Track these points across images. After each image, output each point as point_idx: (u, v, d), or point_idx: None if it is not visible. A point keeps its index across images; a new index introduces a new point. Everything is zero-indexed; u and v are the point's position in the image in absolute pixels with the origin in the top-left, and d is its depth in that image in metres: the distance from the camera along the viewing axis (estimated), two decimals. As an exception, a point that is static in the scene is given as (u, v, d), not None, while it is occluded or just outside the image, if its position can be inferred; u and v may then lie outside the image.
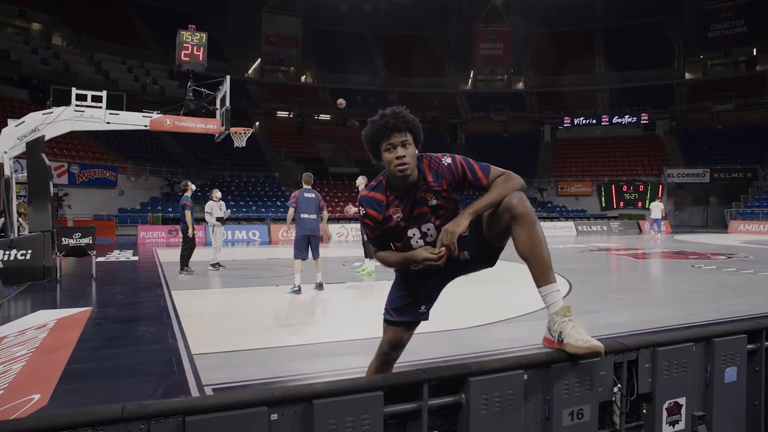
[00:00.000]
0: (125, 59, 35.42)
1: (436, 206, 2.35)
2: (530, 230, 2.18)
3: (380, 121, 2.29)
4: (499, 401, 1.96)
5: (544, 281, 2.20)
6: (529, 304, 6.95)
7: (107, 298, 8.07)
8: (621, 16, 43.49)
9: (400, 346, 2.66)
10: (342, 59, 43.42)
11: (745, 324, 2.71)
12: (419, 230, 2.40)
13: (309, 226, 8.42)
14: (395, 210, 2.37)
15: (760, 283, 9.55)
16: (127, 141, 30.59)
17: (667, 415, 2.37)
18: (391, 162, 2.27)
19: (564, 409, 2.10)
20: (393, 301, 2.61)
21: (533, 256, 2.19)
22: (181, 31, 10.48)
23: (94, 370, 4.41)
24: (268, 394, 1.65)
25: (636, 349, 2.29)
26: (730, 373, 2.56)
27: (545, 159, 40.34)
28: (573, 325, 2.15)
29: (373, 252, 2.54)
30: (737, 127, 38.16)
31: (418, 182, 2.34)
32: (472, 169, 2.33)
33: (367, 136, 2.34)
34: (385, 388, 1.80)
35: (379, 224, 2.40)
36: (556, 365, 2.09)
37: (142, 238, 21.36)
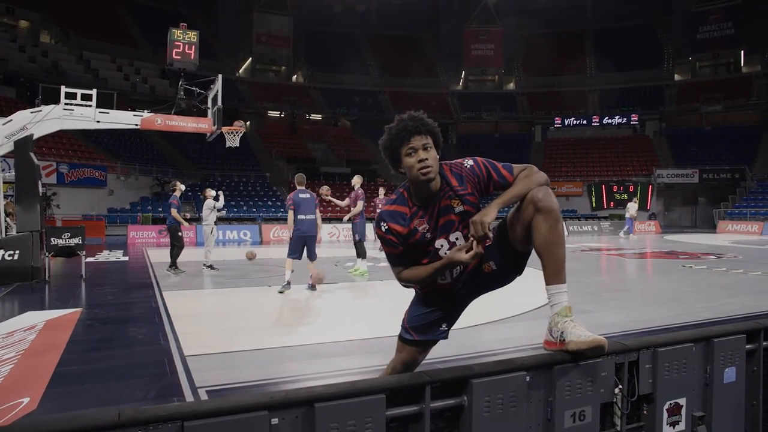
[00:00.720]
0: (115, 58, 35.12)
1: (464, 212, 2.26)
2: (552, 226, 2.11)
3: (399, 125, 2.21)
4: (501, 403, 1.94)
5: (554, 280, 2.15)
6: (524, 304, 6.96)
7: (97, 298, 7.98)
8: (611, 18, 43.74)
9: (413, 367, 2.51)
10: (333, 59, 43.34)
11: (743, 324, 2.71)
12: (447, 240, 2.29)
13: (308, 228, 8.36)
14: (420, 221, 2.25)
15: (750, 282, 9.62)
16: (116, 140, 30.33)
17: (668, 416, 2.36)
18: (413, 167, 2.17)
19: (566, 411, 2.07)
20: (413, 320, 2.47)
21: (549, 253, 2.12)
22: (172, 29, 10.38)
23: (85, 373, 4.34)
24: (268, 398, 1.61)
25: (637, 350, 2.27)
26: (729, 373, 2.56)
27: (536, 159, 40.43)
28: (574, 324, 2.13)
29: (396, 273, 2.35)
30: (725, 129, 38.49)
31: (442, 189, 2.25)
32: (496, 168, 2.27)
33: (386, 143, 2.25)
34: (387, 390, 1.77)
35: (404, 239, 2.25)
36: (559, 366, 2.06)
37: (132, 238, 21.18)
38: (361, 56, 45.76)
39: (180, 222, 10.73)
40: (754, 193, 32.77)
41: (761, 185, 33.33)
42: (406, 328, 2.49)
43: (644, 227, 30.16)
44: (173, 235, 10.78)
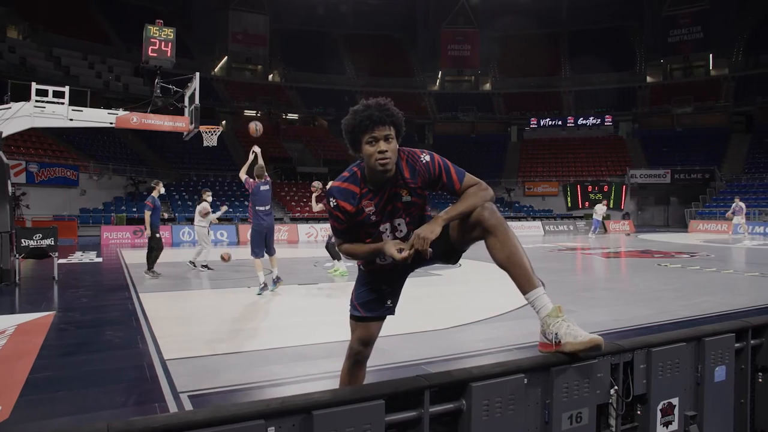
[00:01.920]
0: (87, 55, 34.34)
1: (410, 202, 2.34)
2: (504, 240, 2.17)
3: (364, 112, 2.21)
4: (500, 406, 1.90)
5: (528, 287, 2.18)
6: (505, 304, 6.97)
7: (71, 301, 7.75)
8: (585, 21, 44.35)
9: (370, 342, 2.62)
10: (310, 59, 43.09)
11: (732, 323, 2.73)
12: (391, 224, 2.38)
13: (268, 222, 8.26)
14: (368, 203, 2.31)
15: (723, 280, 9.83)
16: (88, 139, 29.65)
17: (661, 416, 2.36)
18: (372, 156, 2.19)
19: (563, 413, 2.05)
20: (359, 296, 2.58)
21: (512, 265, 2.18)
22: (148, 26, 10.15)
23: (60, 379, 4.19)
24: (264, 406, 1.55)
25: (632, 350, 2.26)
26: (720, 372, 2.57)
27: (512, 159, 40.83)
28: (568, 324, 2.12)
29: (337, 244, 2.47)
30: (695, 130, 39.33)
31: (395, 177, 2.29)
32: (449, 172, 2.30)
33: (348, 127, 2.25)
34: (386, 396, 1.72)
35: (351, 217, 2.33)
36: (556, 368, 2.04)
37: (106, 239, 20.74)
38: (338, 56, 45.60)
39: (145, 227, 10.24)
40: (723, 194, 33.55)
41: (729, 186, 34.15)
42: (354, 305, 2.58)
43: (618, 226, 30.65)
44: (151, 237, 10.42)
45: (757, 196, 31.61)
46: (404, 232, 2.39)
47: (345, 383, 2.70)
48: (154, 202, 10.26)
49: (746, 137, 37.73)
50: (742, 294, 8.05)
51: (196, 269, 11.29)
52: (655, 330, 5.59)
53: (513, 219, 30.75)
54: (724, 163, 36.31)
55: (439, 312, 6.83)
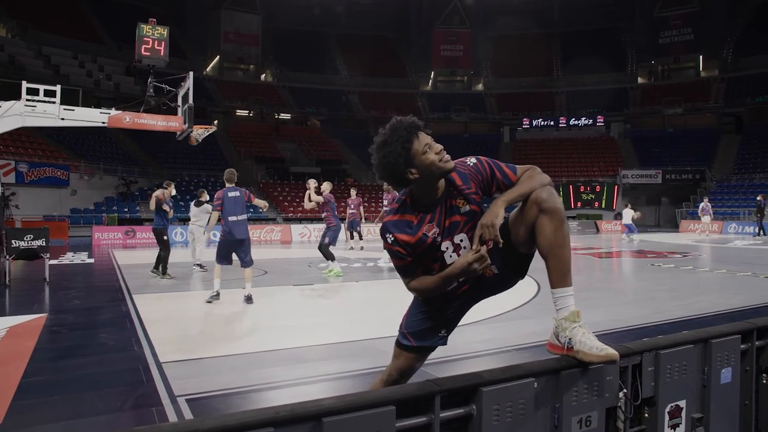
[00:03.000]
0: (77, 54, 34.06)
1: (470, 212, 2.16)
2: (557, 227, 2.03)
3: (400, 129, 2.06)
4: (510, 411, 1.87)
5: (560, 283, 2.09)
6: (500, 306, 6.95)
7: (63, 303, 7.66)
8: (577, 22, 44.55)
9: (409, 375, 2.43)
10: (303, 58, 43.00)
11: (737, 324, 2.71)
12: (452, 243, 2.19)
13: (237, 230, 7.42)
14: (429, 226, 2.15)
15: (716, 280, 9.88)
16: (79, 139, 29.41)
17: (669, 419, 2.34)
18: (434, 162, 2.05)
19: (573, 417, 2.02)
20: (411, 324, 2.36)
21: (555, 256, 2.05)
22: (141, 25, 10.04)
23: (54, 383, 4.13)
24: (274, 413, 1.51)
25: (640, 353, 2.24)
26: (726, 374, 2.55)
27: (505, 160, 38.87)
28: (583, 331, 2.06)
29: (406, 284, 2.24)
30: (686, 131, 39.64)
31: (447, 189, 2.16)
32: (500, 167, 2.21)
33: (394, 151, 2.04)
34: (396, 402, 1.69)
35: (413, 248, 2.15)
36: (566, 372, 2.01)
37: (97, 239, 20.58)
38: (330, 56, 45.53)
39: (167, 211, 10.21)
40: (714, 194, 33.78)
41: (720, 186, 34.41)
42: (404, 333, 2.38)
43: (610, 227, 30.79)
44: (159, 239, 10.29)
45: (746, 196, 31.84)
46: (469, 248, 2.18)
47: None
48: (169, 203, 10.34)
49: (736, 138, 38.04)
50: (736, 294, 8.07)
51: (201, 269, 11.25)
52: (654, 331, 5.59)
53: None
54: (715, 163, 36.59)
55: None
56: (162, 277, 10.06)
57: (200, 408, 3.53)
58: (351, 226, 15.78)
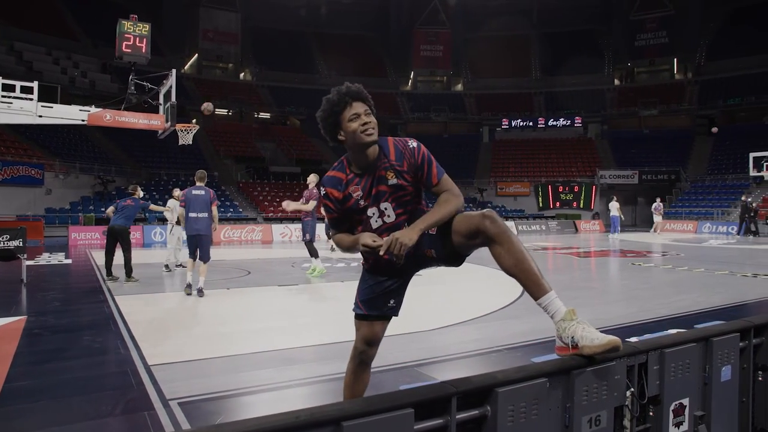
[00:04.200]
0: (51, 50, 33.27)
1: (396, 185, 2.33)
2: (510, 248, 2.16)
3: (338, 93, 2.28)
4: (524, 411, 1.86)
5: (539, 293, 2.17)
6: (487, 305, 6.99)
7: (43, 305, 7.46)
8: (556, 24, 45.01)
9: (375, 342, 2.59)
10: (282, 58, 42.70)
11: (736, 323, 2.75)
12: (378, 209, 2.37)
13: (196, 226, 8.02)
14: (355, 188, 2.34)
15: (696, 279, 10.05)
16: (54, 137, 28.75)
17: (673, 417, 2.35)
18: (356, 130, 2.23)
19: (583, 417, 2.03)
20: (362, 292, 2.55)
21: (521, 272, 2.17)
22: (122, 21, 9.83)
23: (39, 388, 4.00)
24: (293, 418, 1.47)
25: (646, 352, 2.25)
26: (726, 371, 2.59)
27: (484, 160, 41.17)
28: (583, 326, 2.11)
29: (332, 234, 2.51)
30: (662, 132, 40.38)
31: (380, 159, 2.32)
32: (430, 165, 2.33)
33: (327, 111, 2.29)
34: (414, 404, 1.66)
35: (340, 203, 2.37)
36: (575, 371, 2.01)
37: (74, 239, 20.15)
38: (310, 55, 45.29)
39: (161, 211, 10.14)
40: (688, 194, 34.50)
41: (694, 186, 35.12)
42: (357, 303, 2.57)
43: (589, 226, 31.19)
44: (126, 239, 9.79)
45: (719, 196, 32.58)
46: (392, 218, 2.38)
47: (349, 385, 2.68)
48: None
49: (709, 139, 38.84)
50: (717, 292, 8.23)
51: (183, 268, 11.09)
52: (640, 329, 5.66)
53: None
54: (689, 164, 37.33)
55: (422, 313, 6.79)
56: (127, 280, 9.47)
57: (193, 411, 3.46)
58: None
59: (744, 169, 30.28)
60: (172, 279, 10.36)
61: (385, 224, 2.39)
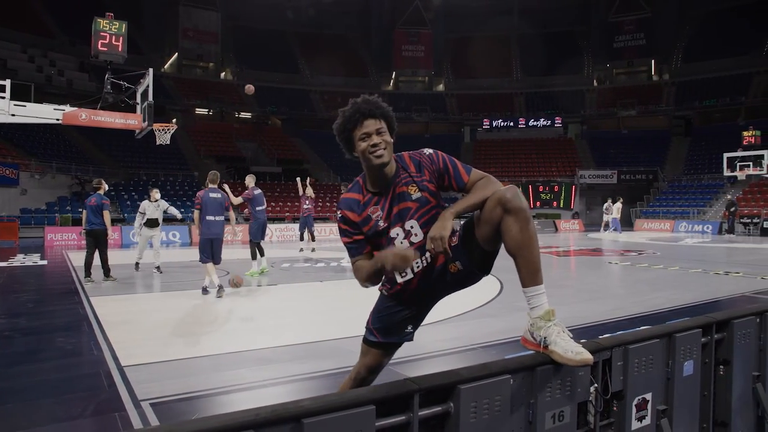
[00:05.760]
0: (26, 48, 32.69)
1: (421, 199, 2.20)
2: (524, 226, 2.04)
3: (352, 108, 2.16)
4: (487, 408, 1.89)
5: (531, 282, 2.10)
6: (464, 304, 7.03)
7: (15, 307, 7.34)
8: (536, 25, 45.37)
9: (378, 371, 2.47)
10: (263, 57, 42.47)
11: (698, 319, 2.82)
12: (402, 229, 2.21)
13: (214, 230, 7.96)
14: (374, 209, 2.19)
15: (670, 277, 10.23)
16: (29, 136, 28.23)
17: (636, 411, 2.40)
18: (365, 151, 2.12)
19: (546, 413, 2.06)
20: (377, 320, 2.39)
21: (523, 255, 2.07)
22: (97, 19, 9.69)
23: (9, 390, 3.96)
24: (254, 415, 1.48)
25: (610, 348, 2.29)
26: (688, 366, 2.65)
27: (466, 160, 41.09)
28: (558, 330, 2.06)
29: (351, 262, 2.29)
30: (640, 132, 40.97)
31: (398, 175, 2.20)
32: (455, 164, 2.23)
33: (340, 126, 2.18)
34: (376, 401, 1.68)
35: (357, 227, 2.21)
36: (540, 368, 2.04)
37: (50, 240, 19.81)
38: (291, 55, 45.13)
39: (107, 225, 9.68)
40: (666, 194, 35.04)
41: (671, 186, 35.70)
42: (370, 329, 2.40)
43: (569, 225, 31.53)
44: (103, 240, 9.64)
45: (695, 196, 33.14)
46: (420, 236, 2.20)
47: None
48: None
49: (686, 140, 39.54)
50: (690, 290, 8.39)
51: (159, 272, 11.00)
52: (614, 327, 5.75)
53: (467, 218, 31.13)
54: (666, 164, 37.93)
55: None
56: (105, 279, 9.51)
57: (165, 412, 3.45)
58: (304, 224, 14.45)
59: (719, 169, 30.86)
60: (146, 280, 10.25)
61: (412, 245, 2.21)
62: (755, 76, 37.46)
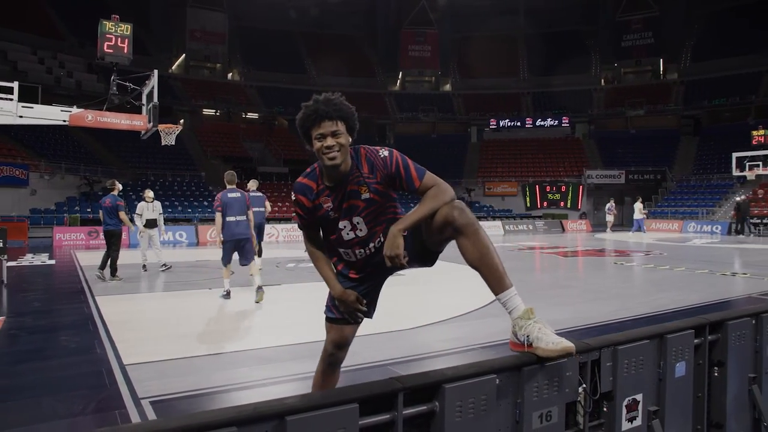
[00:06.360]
0: (36, 50, 32.98)
1: (369, 200, 2.31)
2: (475, 240, 2.15)
3: (312, 107, 2.24)
4: (473, 407, 1.91)
5: (500, 288, 2.17)
6: (468, 304, 7.05)
7: (22, 306, 7.44)
8: (543, 24, 45.23)
9: (345, 345, 2.60)
10: (270, 58, 42.59)
11: (691, 320, 2.82)
12: (350, 222, 2.35)
13: (237, 230, 7.60)
14: (325, 200, 2.33)
15: (676, 278, 10.18)
16: (39, 137, 28.49)
17: (626, 412, 2.41)
18: (319, 150, 2.21)
19: (534, 412, 2.08)
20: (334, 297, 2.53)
21: (484, 265, 2.16)
22: (103, 21, 9.78)
23: (13, 388, 4.02)
24: (237, 412, 1.51)
25: (599, 349, 2.31)
26: (680, 367, 2.65)
27: (472, 160, 41.32)
28: (539, 326, 2.11)
29: (304, 239, 2.51)
30: (648, 132, 40.68)
31: (352, 173, 2.28)
32: (407, 169, 2.28)
33: (299, 122, 2.28)
34: (360, 399, 1.70)
35: (309, 212, 2.36)
36: (527, 368, 2.06)
37: (59, 240, 19.99)
38: (298, 55, 45.22)
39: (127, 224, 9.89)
40: (674, 194, 34.81)
41: (680, 186, 35.45)
42: (328, 306, 2.55)
43: (576, 226, 31.41)
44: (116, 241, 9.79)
45: (704, 196, 32.91)
46: (365, 231, 2.35)
47: (318, 385, 2.69)
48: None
49: (694, 139, 39.23)
50: (695, 291, 8.34)
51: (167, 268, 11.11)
52: (617, 327, 5.74)
53: (474, 219, 31.03)
54: (675, 164, 37.67)
55: (403, 311, 6.84)
56: (112, 278, 9.66)
57: (165, 410, 3.49)
58: None
59: (728, 169, 30.60)
60: (152, 279, 10.33)
61: (357, 237, 2.37)
62: (765, 74, 37.10)
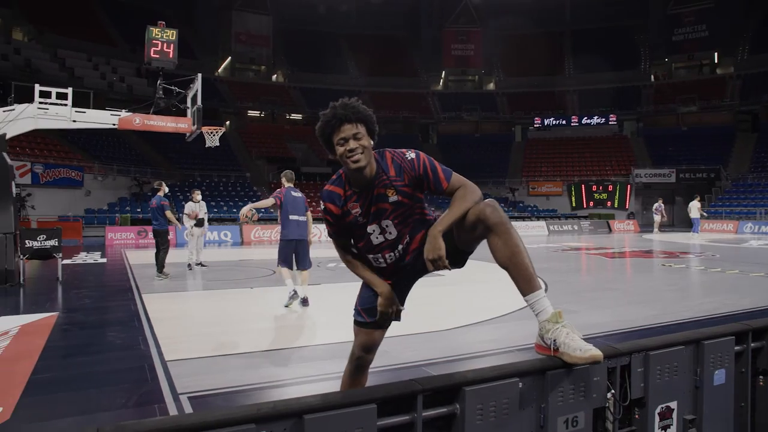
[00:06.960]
0: (91, 56, 34.45)
1: (397, 202, 2.29)
2: (507, 239, 2.12)
3: (330, 113, 2.24)
4: (494, 411, 1.89)
5: (528, 289, 2.13)
6: (507, 305, 6.95)
7: (74, 302, 7.79)
8: (589, 20, 44.17)
9: (373, 349, 2.60)
10: (313, 59, 43.14)
11: (732, 326, 2.70)
12: (379, 226, 2.34)
13: (299, 230, 7.19)
14: (353, 205, 2.31)
15: (728, 281, 9.76)
16: (93, 140, 29.78)
17: (659, 420, 2.34)
18: (342, 155, 2.21)
19: (559, 417, 2.04)
20: (363, 301, 2.54)
21: (513, 265, 2.12)
22: (150, 27, 10.16)
23: (61, 380, 4.21)
24: (255, 410, 1.55)
25: (629, 354, 2.24)
26: (719, 375, 2.55)
27: (516, 159, 40.74)
28: (567, 331, 2.08)
29: (336, 248, 2.51)
30: (701, 129, 39.17)
31: (378, 176, 2.27)
32: (435, 170, 2.27)
33: (319, 130, 2.27)
34: (378, 400, 1.72)
35: (338, 219, 2.35)
36: (551, 372, 2.03)
37: (110, 239, 20.82)
38: (341, 56, 45.62)
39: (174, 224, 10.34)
40: (729, 193, 33.40)
41: (735, 185, 33.97)
42: (358, 310, 2.55)
43: (623, 226, 30.55)
44: (163, 240, 10.22)
45: (763, 195, 31.44)
46: (394, 234, 2.34)
47: (346, 387, 2.70)
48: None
49: (752, 136, 37.52)
50: (746, 295, 7.99)
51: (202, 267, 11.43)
52: (657, 332, 5.56)
53: (517, 219, 30.68)
54: (730, 162, 36.12)
55: (440, 313, 6.82)
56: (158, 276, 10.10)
57: (202, 405, 3.59)
58: None
59: (789, 167, 29.17)
60: (196, 278, 10.62)
61: (386, 241, 2.36)
62: (829, 67, 35.19)
